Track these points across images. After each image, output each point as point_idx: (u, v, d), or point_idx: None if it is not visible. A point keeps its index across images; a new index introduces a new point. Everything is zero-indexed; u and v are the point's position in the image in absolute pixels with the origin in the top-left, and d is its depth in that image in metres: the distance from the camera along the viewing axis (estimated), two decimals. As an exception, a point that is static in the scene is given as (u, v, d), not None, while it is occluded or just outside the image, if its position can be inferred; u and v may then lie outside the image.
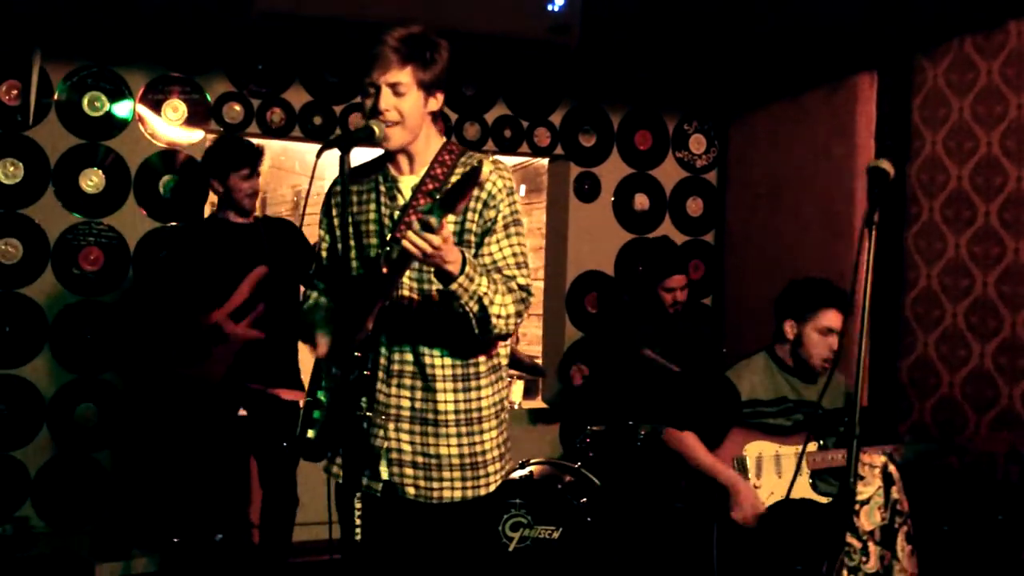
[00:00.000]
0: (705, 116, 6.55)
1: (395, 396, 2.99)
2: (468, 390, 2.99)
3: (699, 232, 6.60)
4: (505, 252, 2.95)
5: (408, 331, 2.95)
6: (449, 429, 2.98)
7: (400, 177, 3.00)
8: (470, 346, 2.96)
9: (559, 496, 4.68)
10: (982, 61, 4.84)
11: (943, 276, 5.04)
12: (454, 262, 2.70)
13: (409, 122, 2.91)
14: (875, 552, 3.02)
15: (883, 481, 3.21)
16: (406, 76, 2.88)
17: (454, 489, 3.01)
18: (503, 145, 6.10)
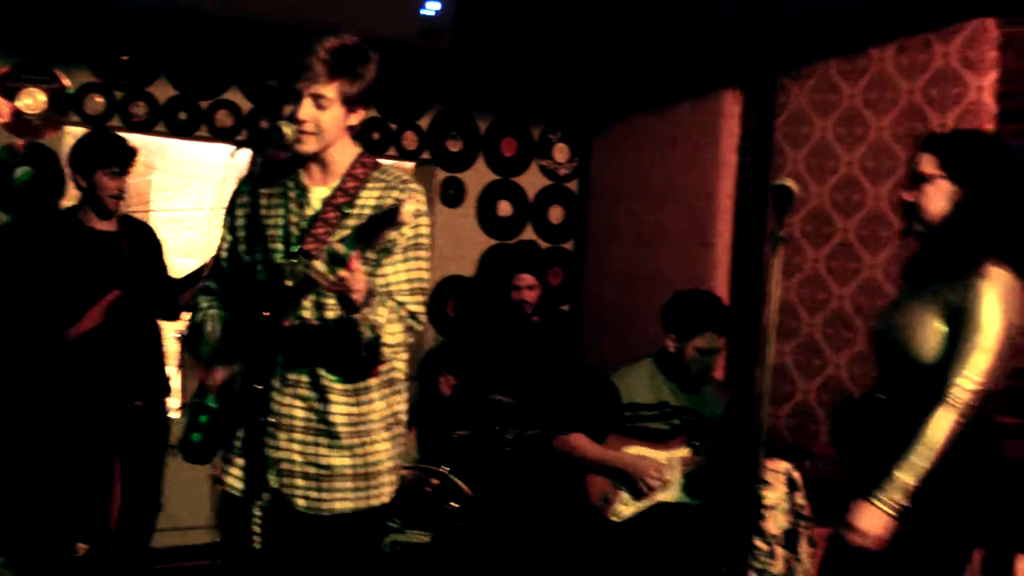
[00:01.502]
0: (570, 125, 6.64)
1: (288, 406, 2.93)
2: (360, 403, 2.96)
3: (560, 240, 6.70)
4: (401, 277, 2.92)
5: (304, 345, 2.90)
6: (342, 440, 2.94)
7: (311, 187, 2.95)
8: (361, 363, 2.93)
9: (429, 501, 4.68)
10: (845, 84, 5.07)
11: (801, 288, 5.25)
12: (360, 292, 2.68)
13: (326, 135, 2.88)
14: (781, 555, 3.13)
15: (787, 487, 3.34)
16: (331, 90, 2.84)
17: (346, 500, 2.97)
18: (370, 148, 6.04)
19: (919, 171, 3.11)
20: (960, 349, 2.96)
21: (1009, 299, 2.98)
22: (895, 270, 4.80)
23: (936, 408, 2.93)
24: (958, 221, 3.05)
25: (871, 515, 2.95)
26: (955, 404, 2.93)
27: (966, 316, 2.97)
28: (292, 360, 2.91)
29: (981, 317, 2.95)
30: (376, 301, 2.76)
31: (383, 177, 2.96)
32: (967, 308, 2.97)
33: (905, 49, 4.81)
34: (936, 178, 3.07)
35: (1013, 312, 2.98)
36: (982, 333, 2.95)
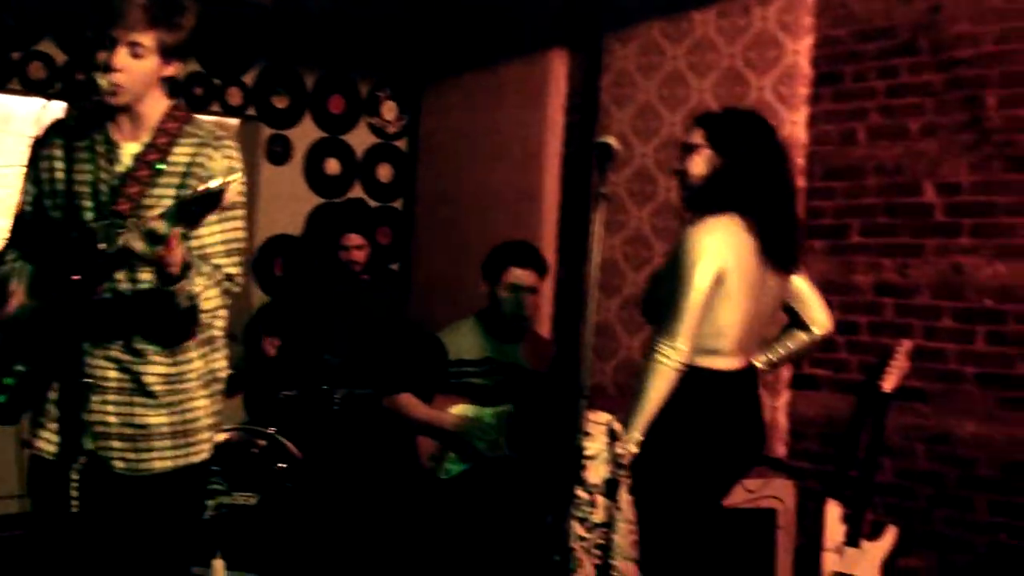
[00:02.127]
0: (399, 83, 6.60)
1: (101, 368, 2.85)
2: (177, 363, 2.89)
3: (389, 199, 6.67)
4: (216, 239, 2.85)
5: (118, 311, 2.82)
6: (159, 399, 2.88)
7: (121, 142, 2.84)
8: (177, 329, 2.87)
9: (255, 462, 4.63)
10: (669, 46, 5.18)
11: (625, 246, 5.37)
12: (176, 264, 2.61)
13: (139, 86, 2.76)
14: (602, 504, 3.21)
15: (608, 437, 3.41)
16: (149, 39, 2.73)
17: (164, 459, 2.92)
18: (193, 104, 5.89)
19: (688, 142, 3.44)
20: (668, 302, 3.23)
21: (712, 245, 3.23)
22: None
23: (646, 360, 3.22)
24: (713, 183, 3.35)
25: None
26: (655, 348, 3.21)
27: (672, 268, 3.25)
28: (105, 324, 2.83)
29: (680, 268, 3.22)
30: (193, 272, 2.69)
31: (196, 132, 2.87)
32: (674, 259, 3.26)
33: (726, 13, 4.95)
34: (701, 147, 3.38)
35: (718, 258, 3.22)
36: (680, 284, 3.21)
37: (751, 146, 3.36)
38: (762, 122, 3.53)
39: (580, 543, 3.08)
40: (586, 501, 3.09)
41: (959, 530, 4.33)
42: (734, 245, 3.26)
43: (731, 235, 3.27)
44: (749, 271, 3.30)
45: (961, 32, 4.30)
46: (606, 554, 3.09)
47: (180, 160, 2.83)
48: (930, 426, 4.42)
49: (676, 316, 3.19)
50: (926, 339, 4.43)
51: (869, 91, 4.58)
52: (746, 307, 3.32)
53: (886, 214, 4.55)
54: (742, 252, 3.27)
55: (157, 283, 2.69)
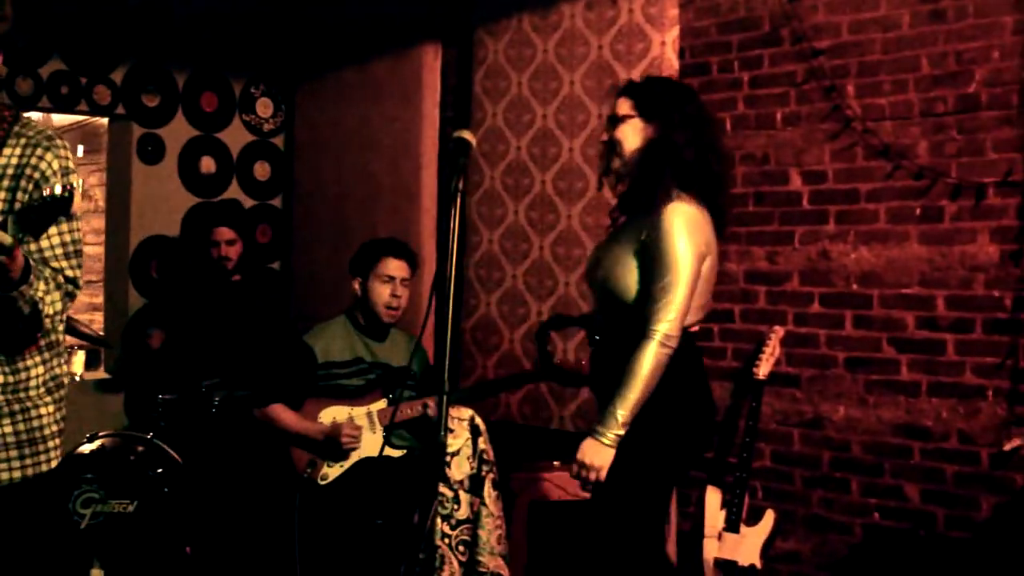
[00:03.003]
0: (272, 79, 6.51)
1: None
2: (17, 371, 2.82)
3: (267, 196, 6.58)
4: (54, 241, 2.77)
5: None
6: (1, 409, 2.81)
7: None
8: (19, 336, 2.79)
9: (132, 468, 4.52)
10: (539, 39, 5.18)
11: (503, 240, 5.37)
12: (17, 270, 2.53)
13: None
14: (465, 500, 3.19)
15: (471, 433, 3.40)
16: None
17: (12, 470, 2.84)
18: (59, 102, 5.75)
19: (616, 113, 3.34)
20: (657, 286, 3.14)
21: (694, 229, 3.17)
22: (591, 220, 4.98)
23: (641, 343, 3.10)
24: (649, 155, 3.26)
25: (593, 449, 3.12)
26: (657, 337, 3.10)
27: (658, 251, 3.15)
28: None
29: (672, 252, 3.14)
30: (34, 277, 2.61)
31: (25, 132, 2.78)
32: (657, 243, 3.16)
33: (593, 5, 4.96)
34: (630, 118, 3.30)
35: (700, 240, 3.18)
36: (676, 269, 3.13)
37: (682, 112, 3.28)
38: (686, 88, 3.51)
39: (444, 540, 3.07)
40: (450, 498, 3.08)
41: (835, 512, 4.42)
42: (706, 225, 3.23)
43: (701, 215, 3.22)
44: (716, 247, 3.30)
45: (819, 22, 4.38)
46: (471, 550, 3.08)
47: (9, 162, 2.74)
48: (804, 411, 4.49)
49: (672, 299, 3.12)
50: (797, 325, 4.51)
51: (734, 82, 4.64)
52: (712, 281, 3.32)
53: (755, 203, 4.61)
54: (710, 230, 3.25)
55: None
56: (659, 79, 3.57)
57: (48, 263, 2.75)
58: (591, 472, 3.16)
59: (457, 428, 3.18)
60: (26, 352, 2.83)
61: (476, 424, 3.16)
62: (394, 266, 4.47)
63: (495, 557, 3.22)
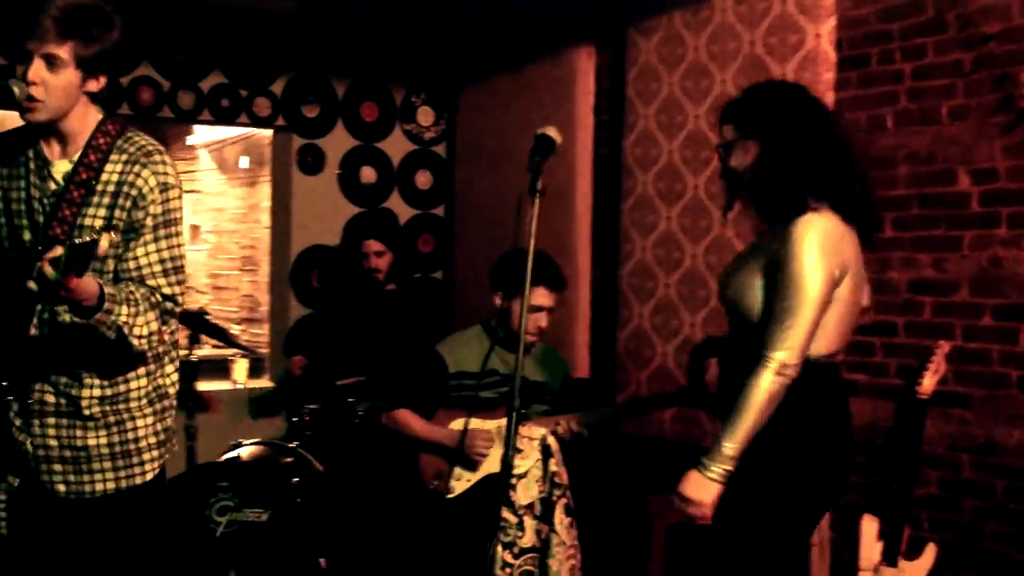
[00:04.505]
0: (433, 88, 6.47)
1: (39, 391, 2.79)
2: (116, 383, 2.83)
3: (428, 206, 6.54)
4: (152, 259, 2.79)
5: (52, 340, 2.78)
6: (96, 421, 2.82)
7: (53, 160, 2.79)
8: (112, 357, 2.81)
9: (268, 478, 4.52)
10: (690, 36, 4.93)
11: (656, 249, 5.12)
12: (88, 298, 2.54)
13: (58, 100, 2.69)
14: (531, 526, 2.99)
15: (541, 454, 3.20)
16: (64, 51, 2.66)
17: (106, 481, 2.85)
18: (220, 115, 5.86)
19: (724, 140, 3.09)
20: (779, 307, 2.85)
21: (827, 247, 2.86)
22: (745, 227, 4.68)
23: (755, 369, 2.82)
24: (762, 172, 2.97)
25: (697, 483, 2.87)
26: (772, 365, 2.82)
27: (785, 269, 2.85)
28: (43, 350, 2.77)
29: (799, 272, 2.83)
30: (113, 304, 2.61)
31: (126, 147, 2.80)
32: (785, 260, 2.85)
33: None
34: (738, 141, 3.03)
35: (832, 256, 2.86)
36: (801, 291, 2.82)
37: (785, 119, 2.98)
38: (788, 90, 3.14)
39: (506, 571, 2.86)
40: (513, 524, 2.86)
41: (1009, 548, 3.98)
42: (843, 241, 2.92)
43: (839, 228, 2.91)
44: (856, 262, 2.97)
45: (987, 4, 3.95)
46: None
47: (111, 179, 2.77)
48: (975, 434, 4.08)
49: (796, 329, 2.82)
50: (966, 340, 4.10)
51: (896, 74, 4.26)
52: (854, 302, 3.00)
53: (919, 205, 4.22)
54: (850, 246, 2.94)
55: (72, 313, 2.61)
56: (757, 90, 3.18)
57: (145, 280, 2.77)
58: (691, 507, 2.89)
59: (527, 448, 2.95)
60: (125, 369, 2.84)
61: (548, 445, 2.93)
62: (544, 296, 4.28)
63: (566, 590, 2.99)
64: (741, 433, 2.83)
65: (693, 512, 2.90)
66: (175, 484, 4.51)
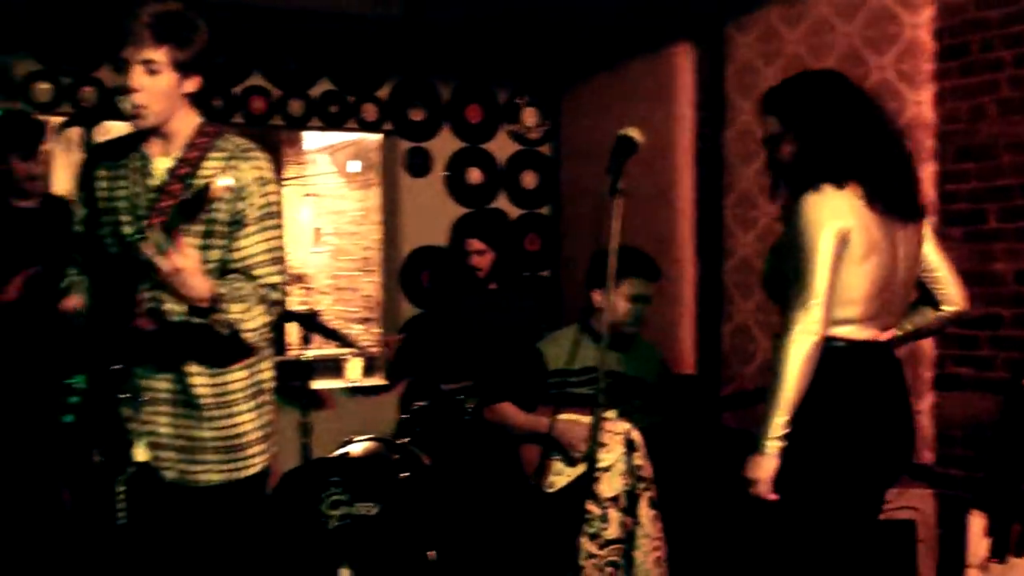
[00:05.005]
0: (537, 89, 6.55)
1: (152, 380, 2.94)
2: (218, 375, 2.96)
3: (535, 205, 6.63)
4: (257, 249, 2.92)
5: (164, 334, 2.91)
6: (205, 412, 2.95)
7: (154, 158, 2.95)
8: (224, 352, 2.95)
9: (379, 472, 4.66)
10: (787, 30, 4.91)
11: (758, 243, 5.12)
12: (199, 290, 2.68)
13: (161, 103, 2.85)
14: (615, 518, 3.03)
15: (625, 448, 3.24)
16: (160, 55, 2.82)
17: (212, 472, 2.99)
18: (329, 121, 6.04)
19: (769, 134, 3.13)
20: (792, 274, 2.92)
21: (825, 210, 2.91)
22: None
23: (781, 338, 2.89)
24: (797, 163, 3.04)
25: (757, 463, 2.92)
26: (794, 326, 2.87)
27: (792, 243, 2.94)
28: (150, 343, 2.92)
29: (803, 237, 2.91)
30: (226, 302, 2.75)
31: (225, 146, 2.95)
32: (791, 236, 2.95)
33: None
34: (785, 134, 3.08)
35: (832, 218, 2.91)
36: (806, 252, 2.89)
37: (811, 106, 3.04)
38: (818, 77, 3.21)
39: (590, 560, 2.91)
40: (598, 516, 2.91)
41: (1122, 541, 3.89)
42: (852, 207, 2.96)
43: (846, 198, 2.96)
44: (872, 230, 2.97)
45: (1088, -10, 3.88)
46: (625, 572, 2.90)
47: (210, 174, 2.88)
48: (1087, 427, 3.99)
49: (806, 283, 2.88)
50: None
51: (996, 62, 4.18)
52: (875, 271, 3.00)
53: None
54: (861, 212, 2.96)
55: (189, 314, 2.76)
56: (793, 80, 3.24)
57: (251, 270, 2.90)
58: (756, 488, 2.93)
59: (611, 442, 3.00)
60: (226, 363, 2.98)
61: (632, 439, 2.97)
62: (641, 286, 4.35)
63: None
64: (782, 401, 2.86)
65: (754, 492, 2.94)
66: (289, 479, 4.69)
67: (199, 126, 2.97)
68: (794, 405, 2.86)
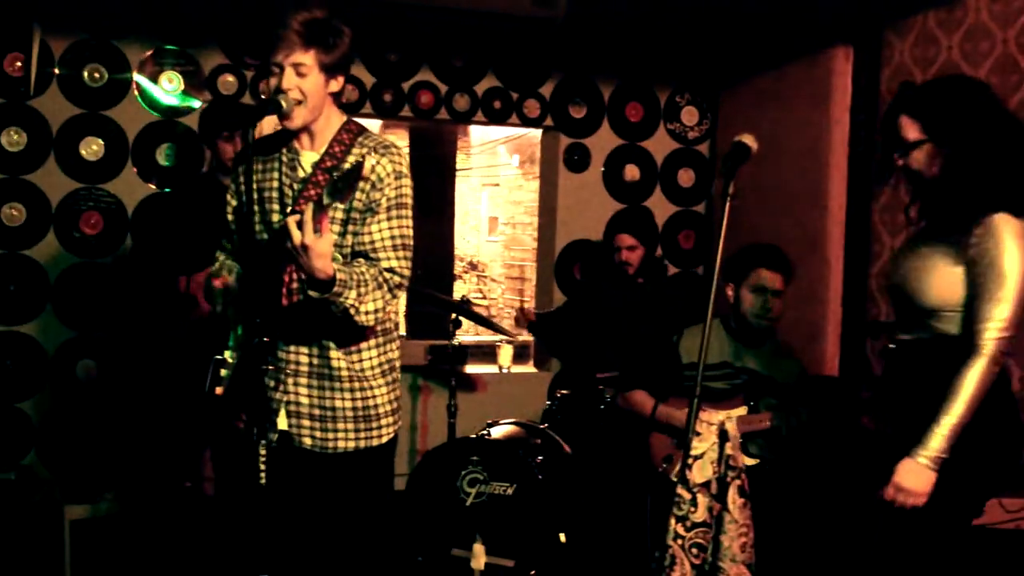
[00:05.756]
0: (697, 88, 6.63)
1: (294, 353, 3.22)
2: (353, 352, 3.22)
3: (690, 203, 6.71)
4: (384, 235, 3.16)
5: (301, 309, 3.16)
6: (343, 384, 3.22)
7: (302, 151, 3.21)
8: (347, 328, 3.17)
9: (515, 455, 4.84)
10: (943, 36, 4.88)
11: (906, 248, 5.10)
12: (320, 271, 2.89)
13: (310, 101, 3.11)
14: (703, 503, 3.13)
15: (719, 438, 3.34)
16: (309, 58, 3.07)
17: (347, 440, 3.25)
18: (492, 116, 6.26)
19: (905, 138, 3.08)
20: (986, 299, 2.94)
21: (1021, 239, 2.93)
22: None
23: (970, 359, 2.93)
24: (951, 179, 3.02)
25: (917, 473, 2.98)
26: (987, 353, 2.92)
27: (987, 266, 2.94)
28: (293, 317, 3.19)
29: (1003, 267, 2.93)
30: (344, 288, 2.97)
31: (366, 142, 3.20)
32: (987, 259, 2.94)
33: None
34: (923, 143, 3.04)
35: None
36: (1006, 284, 2.92)
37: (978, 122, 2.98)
38: (976, 87, 3.12)
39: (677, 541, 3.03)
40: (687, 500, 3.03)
41: None
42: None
43: None
44: None
45: None
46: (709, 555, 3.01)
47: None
48: None
49: (1007, 318, 2.92)
50: None
51: None
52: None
53: None
54: None
55: (308, 288, 3.01)
56: (941, 84, 3.21)
57: (376, 252, 3.15)
58: (907, 496, 3.00)
59: (705, 432, 3.11)
60: (362, 340, 3.23)
61: (725, 430, 3.08)
62: (767, 277, 4.43)
63: (737, 565, 3.12)
64: (956, 420, 2.92)
65: (908, 501, 2.99)
66: (431, 456, 4.94)
67: (344, 124, 3.22)
68: (964, 426, 2.93)
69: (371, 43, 5.98)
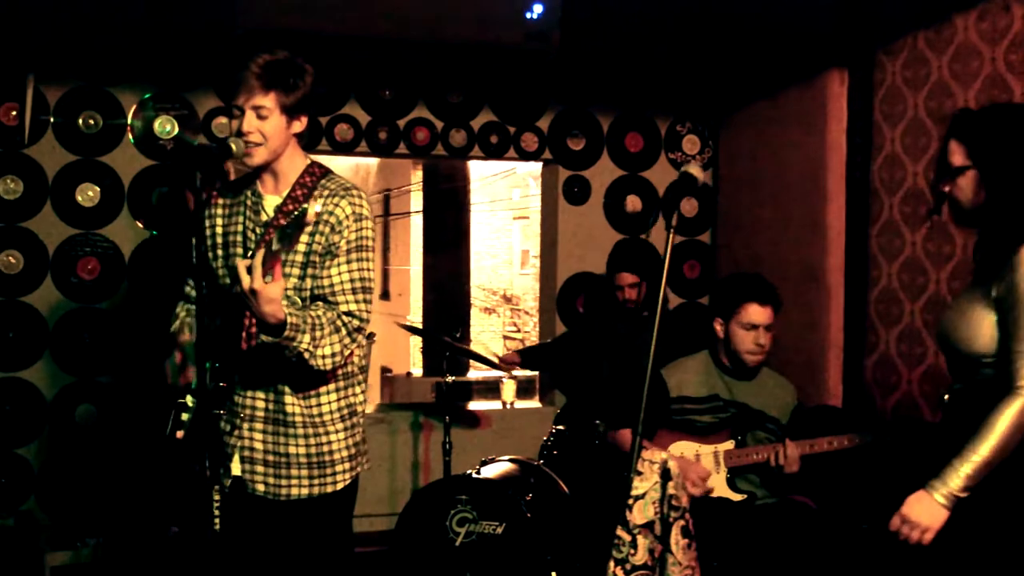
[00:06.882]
0: (698, 117, 6.56)
1: (250, 398, 3.20)
2: (310, 397, 3.19)
3: (694, 232, 6.63)
4: (344, 278, 3.14)
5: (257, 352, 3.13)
6: (297, 430, 3.17)
7: (265, 195, 3.20)
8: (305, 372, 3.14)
9: (504, 493, 4.76)
10: (933, 56, 4.79)
11: (902, 274, 4.99)
12: (270, 315, 2.87)
13: (271, 143, 3.10)
14: (644, 545, 3.04)
15: (660, 477, 3.26)
16: (269, 101, 3.07)
17: (300, 487, 3.20)
18: (489, 151, 6.22)
19: (950, 163, 2.95)
20: (1017, 336, 2.80)
21: None
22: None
23: (1003, 401, 2.79)
24: (993, 211, 2.88)
25: (923, 504, 2.87)
26: (1021, 390, 2.78)
27: (1015, 302, 2.81)
28: (251, 362, 3.16)
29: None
30: (296, 332, 2.95)
31: (328, 185, 3.18)
32: (1014, 294, 2.81)
33: (986, 15, 4.49)
34: (968, 169, 2.91)
35: None
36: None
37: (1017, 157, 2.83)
38: None
39: None
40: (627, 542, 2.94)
41: None
42: None
43: None
44: None
45: None
46: None
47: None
48: None
49: None
50: None
51: None
52: None
53: None
54: None
55: (259, 333, 2.98)
56: (990, 111, 3.05)
57: (335, 295, 3.12)
58: (915, 530, 2.88)
59: (647, 471, 3.02)
60: (320, 385, 3.19)
61: (668, 468, 2.99)
62: (756, 313, 4.33)
63: (683, 607, 3.03)
64: (982, 461, 2.79)
65: (913, 535, 2.89)
66: (421, 495, 4.88)
67: (307, 166, 3.21)
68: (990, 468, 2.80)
69: (365, 81, 5.98)
